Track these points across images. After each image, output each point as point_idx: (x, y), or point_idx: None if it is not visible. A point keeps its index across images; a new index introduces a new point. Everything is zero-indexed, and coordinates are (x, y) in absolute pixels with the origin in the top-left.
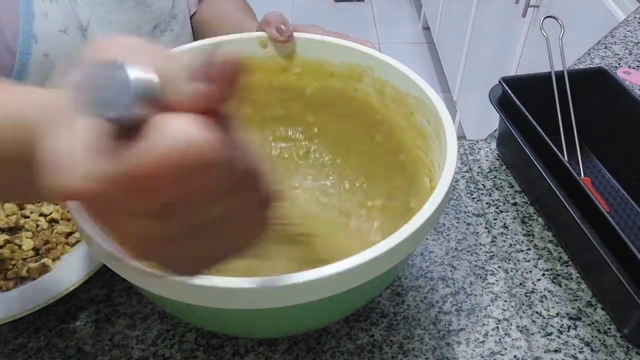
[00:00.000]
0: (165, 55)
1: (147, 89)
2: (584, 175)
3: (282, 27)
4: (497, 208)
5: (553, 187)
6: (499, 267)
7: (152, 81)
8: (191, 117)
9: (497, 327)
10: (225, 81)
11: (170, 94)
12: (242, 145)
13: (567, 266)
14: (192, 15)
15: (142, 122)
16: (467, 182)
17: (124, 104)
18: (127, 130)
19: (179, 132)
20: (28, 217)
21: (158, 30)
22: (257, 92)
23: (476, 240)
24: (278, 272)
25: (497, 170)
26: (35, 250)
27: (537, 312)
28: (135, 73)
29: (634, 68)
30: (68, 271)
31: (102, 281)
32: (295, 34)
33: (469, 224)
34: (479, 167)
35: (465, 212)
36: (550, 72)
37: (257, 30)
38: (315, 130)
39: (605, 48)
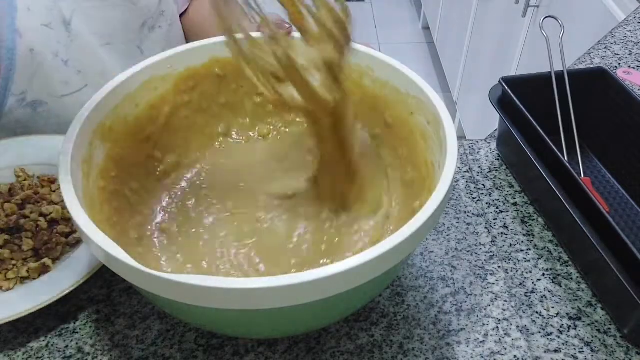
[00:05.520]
0: None
1: None
2: (584, 175)
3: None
4: (497, 208)
5: (553, 187)
6: (499, 267)
7: None
8: None
9: (497, 327)
10: None
11: None
12: None
13: (567, 266)
14: (183, 14)
15: None
16: (467, 182)
17: None
18: None
19: None
20: (28, 217)
21: (146, 28)
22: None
23: (476, 240)
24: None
25: (497, 170)
26: (35, 250)
27: (537, 312)
28: None
29: (634, 68)
30: (68, 271)
31: (102, 281)
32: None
33: (469, 224)
34: (479, 167)
35: (465, 212)
36: (550, 72)
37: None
38: None
39: (605, 48)
